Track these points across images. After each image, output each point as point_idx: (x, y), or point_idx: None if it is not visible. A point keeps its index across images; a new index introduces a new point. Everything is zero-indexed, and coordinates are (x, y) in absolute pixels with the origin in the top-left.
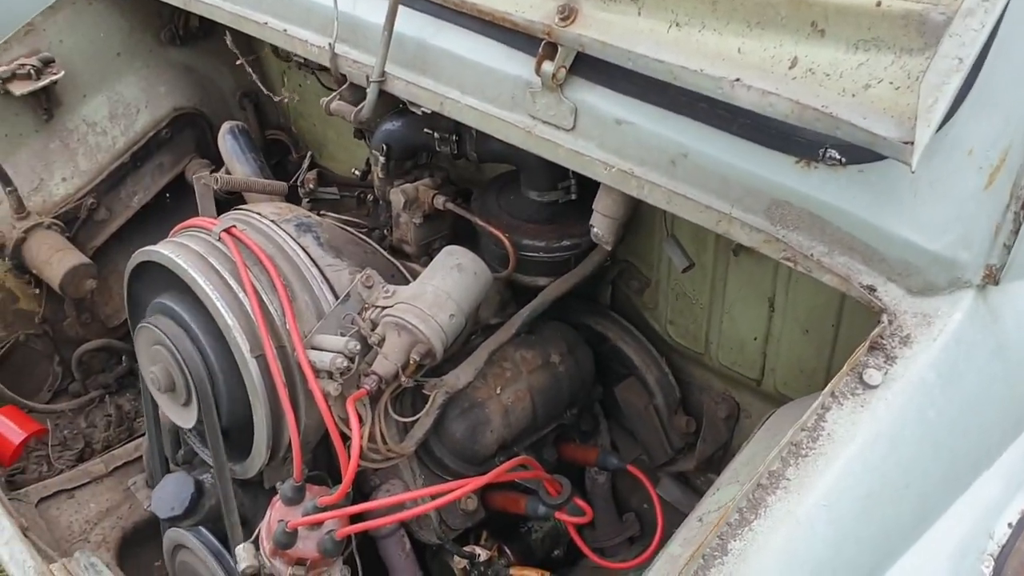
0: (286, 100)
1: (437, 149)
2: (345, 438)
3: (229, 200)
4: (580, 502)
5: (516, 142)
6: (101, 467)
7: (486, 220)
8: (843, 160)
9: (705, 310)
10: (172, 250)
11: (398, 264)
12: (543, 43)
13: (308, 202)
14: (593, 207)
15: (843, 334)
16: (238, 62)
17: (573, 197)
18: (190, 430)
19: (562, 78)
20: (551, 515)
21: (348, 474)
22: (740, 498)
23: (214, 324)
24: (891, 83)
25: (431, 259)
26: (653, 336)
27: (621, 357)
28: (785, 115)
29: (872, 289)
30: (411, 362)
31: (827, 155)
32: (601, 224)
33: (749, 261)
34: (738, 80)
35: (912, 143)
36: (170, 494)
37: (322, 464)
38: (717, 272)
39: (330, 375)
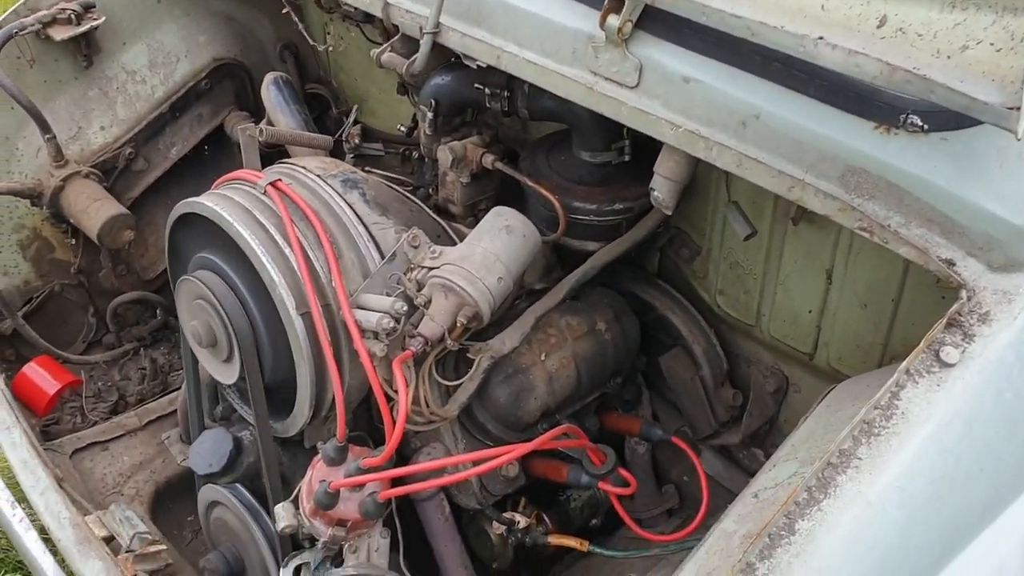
0: (331, 49)
1: (487, 105)
2: (389, 400)
3: (270, 154)
4: (624, 473)
5: (576, 99)
6: (135, 420)
7: (536, 181)
8: (925, 127)
9: (758, 281)
10: (216, 203)
11: (444, 224)
12: None
13: (352, 158)
14: (654, 169)
15: (903, 310)
16: (284, 11)
17: (627, 159)
18: (230, 386)
19: (628, 33)
20: (594, 485)
21: (393, 437)
22: (809, 477)
23: (258, 280)
24: (991, 44)
25: (477, 220)
26: (701, 306)
27: (668, 327)
28: (873, 76)
29: (951, 263)
30: (457, 325)
31: (908, 121)
32: (662, 187)
33: (809, 231)
34: (821, 38)
35: (1018, 108)
36: (208, 450)
37: (362, 425)
38: (773, 242)
39: (375, 335)
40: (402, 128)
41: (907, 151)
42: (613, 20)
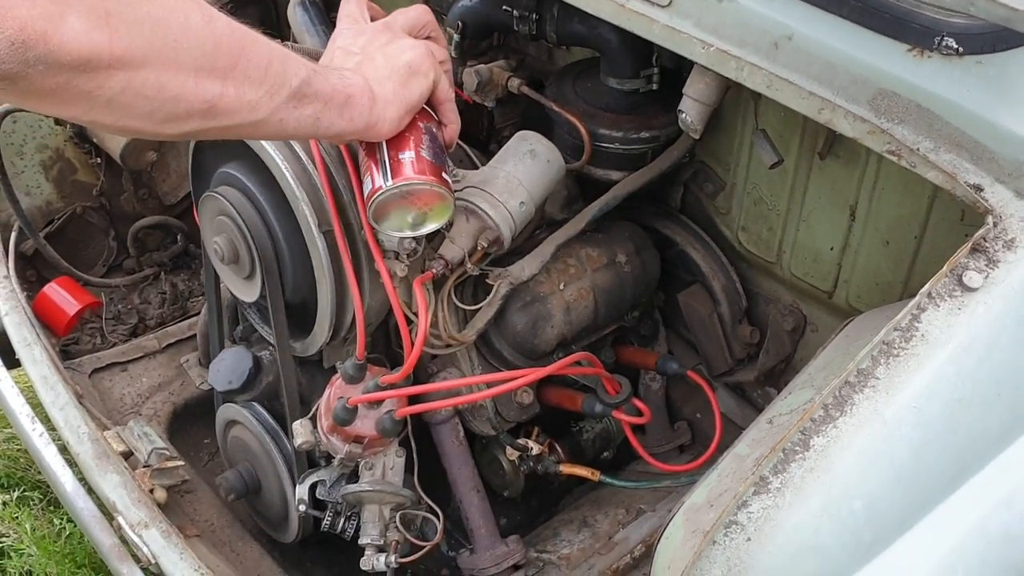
0: None
1: (515, 28)
2: (408, 321)
3: None
4: (638, 402)
5: (607, 16)
6: (154, 343)
7: (561, 106)
8: (960, 49)
9: (781, 217)
10: None
11: (467, 148)
12: None
13: None
14: (683, 91)
15: (925, 247)
16: None
17: (655, 87)
18: (250, 305)
19: None
20: (608, 413)
21: (412, 355)
22: (826, 394)
23: (282, 196)
24: None
25: (500, 146)
26: (723, 243)
27: (688, 263)
28: None
29: (979, 188)
30: (478, 248)
31: (943, 43)
32: (691, 109)
33: (835, 165)
34: None
35: None
36: (228, 367)
37: (379, 350)
38: (798, 177)
39: (396, 256)
40: None
41: (940, 74)
42: None
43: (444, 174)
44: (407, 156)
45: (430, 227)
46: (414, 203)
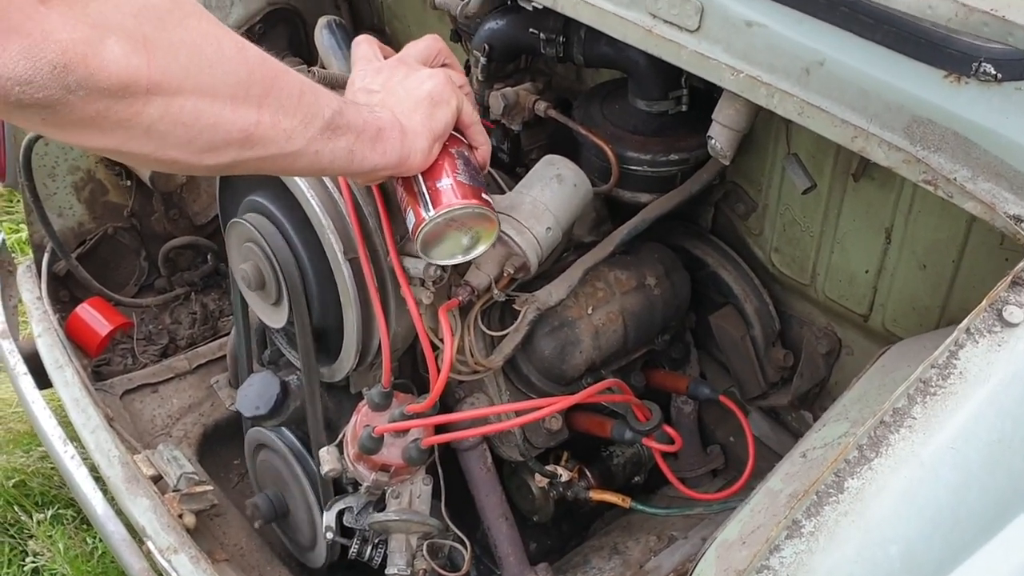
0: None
1: (542, 51)
2: (434, 348)
3: None
4: (669, 429)
5: (635, 42)
6: (185, 364)
7: (588, 129)
8: (999, 76)
9: (815, 239)
10: None
11: (493, 172)
12: None
13: None
14: (713, 117)
15: (963, 272)
16: None
17: (684, 109)
18: (278, 331)
19: None
20: (638, 440)
21: (438, 384)
22: (861, 435)
23: (308, 224)
24: None
25: (527, 169)
26: (755, 264)
27: (719, 284)
28: (947, 19)
29: (1019, 220)
30: (504, 275)
31: (981, 69)
32: (721, 135)
33: (869, 187)
34: None
35: None
36: (255, 393)
37: (406, 374)
38: (832, 199)
39: (422, 283)
40: None
41: (978, 101)
42: None
43: (484, 195)
44: (445, 184)
45: (482, 248)
46: (460, 228)
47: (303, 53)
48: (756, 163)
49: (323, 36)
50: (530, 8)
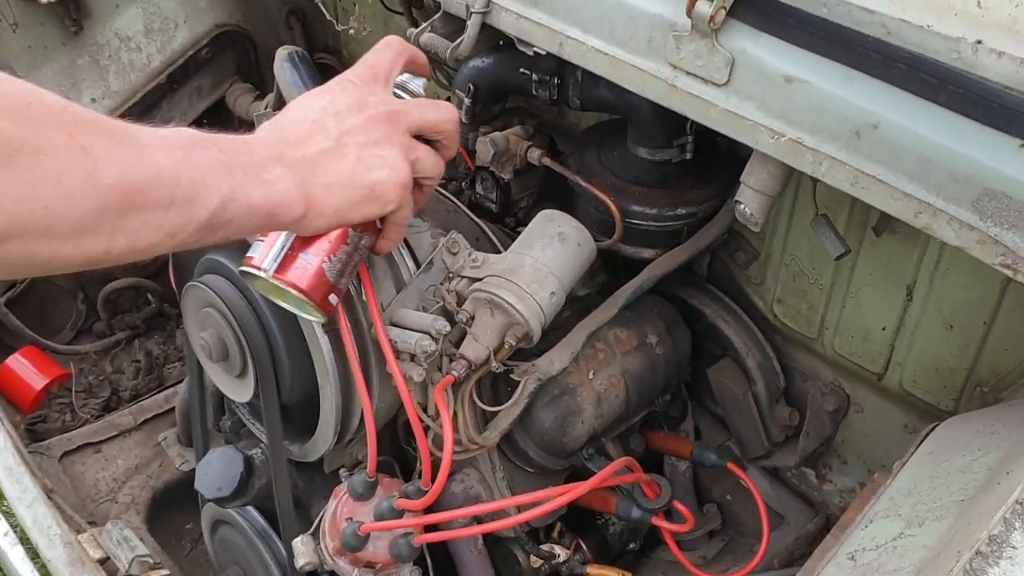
0: (353, 31)
1: (534, 93)
2: (424, 427)
3: None
4: (680, 507)
5: (656, 97)
6: (129, 419)
7: (588, 180)
8: None
9: (825, 292)
10: None
11: (483, 225)
12: None
13: None
14: (742, 181)
15: (996, 333)
16: None
17: (688, 156)
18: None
19: (720, 22)
20: (647, 520)
21: (438, 480)
22: (956, 571)
23: None
24: None
25: (517, 220)
26: (755, 315)
27: (718, 337)
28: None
29: None
30: (505, 346)
31: None
32: (752, 201)
33: (891, 241)
34: (980, 42)
35: None
36: (217, 472)
37: (386, 447)
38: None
39: (412, 357)
40: None
41: None
42: (704, 7)
43: (332, 297)
44: (306, 261)
45: (298, 313)
46: (283, 295)
47: (253, 78)
48: None
49: (284, 70)
50: (530, 53)
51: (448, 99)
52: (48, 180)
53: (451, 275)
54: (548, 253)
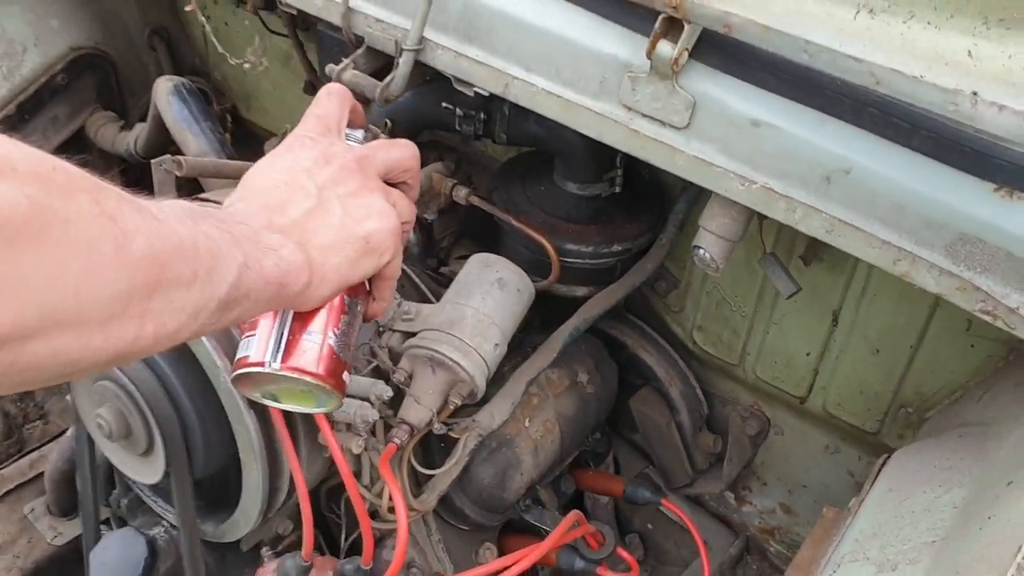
0: (248, 65)
1: (457, 128)
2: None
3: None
4: (624, 554)
5: (614, 142)
6: None
7: (519, 219)
8: None
9: (747, 319)
10: None
11: (411, 272)
12: (661, 17)
13: None
14: (701, 224)
15: (921, 357)
16: None
17: (618, 190)
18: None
19: (683, 64)
20: (592, 571)
21: (394, 563)
22: None
23: (189, 357)
24: None
25: (439, 260)
26: (673, 342)
27: (640, 367)
28: (994, 126)
29: None
30: (449, 405)
31: None
32: (714, 247)
33: (818, 270)
34: (977, 95)
35: None
36: (116, 558)
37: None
38: (770, 280)
39: (348, 427)
40: None
41: None
42: (665, 49)
43: (347, 373)
44: (312, 340)
45: (303, 411)
46: (294, 391)
47: (115, 105)
48: (680, 239)
49: (172, 105)
50: (470, 93)
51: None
52: (79, 256)
53: (382, 329)
54: (489, 302)
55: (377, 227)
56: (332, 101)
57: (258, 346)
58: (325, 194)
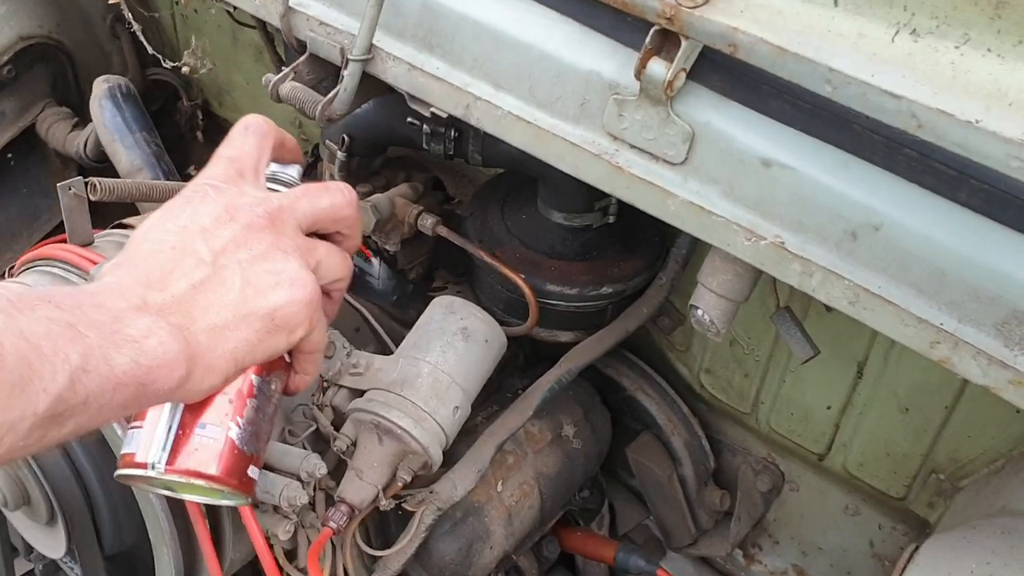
0: (187, 69)
1: (424, 147)
2: None
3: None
4: None
5: (594, 180)
6: None
7: (494, 255)
8: None
9: (761, 364)
10: None
11: (364, 311)
12: (654, 30)
13: None
14: (700, 280)
15: (957, 419)
16: None
17: (611, 220)
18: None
19: (679, 87)
20: None
21: None
22: None
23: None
24: None
25: (404, 295)
26: (678, 384)
27: (638, 411)
28: None
29: None
30: (398, 482)
31: None
32: (714, 308)
33: (842, 316)
34: None
35: None
36: None
37: None
38: None
39: (276, 509)
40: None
41: None
42: (658, 67)
43: (252, 468)
44: (206, 435)
45: (209, 503)
46: (188, 488)
47: (72, 99)
48: (687, 271)
49: (104, 109)
50: (427, 113)
51: (315, 149)
52: None
53: (326, 384)
54: (450, 356)
55: (286, 299)
56: (248, 139)
57: (142, 443)
58: (222, 260)
